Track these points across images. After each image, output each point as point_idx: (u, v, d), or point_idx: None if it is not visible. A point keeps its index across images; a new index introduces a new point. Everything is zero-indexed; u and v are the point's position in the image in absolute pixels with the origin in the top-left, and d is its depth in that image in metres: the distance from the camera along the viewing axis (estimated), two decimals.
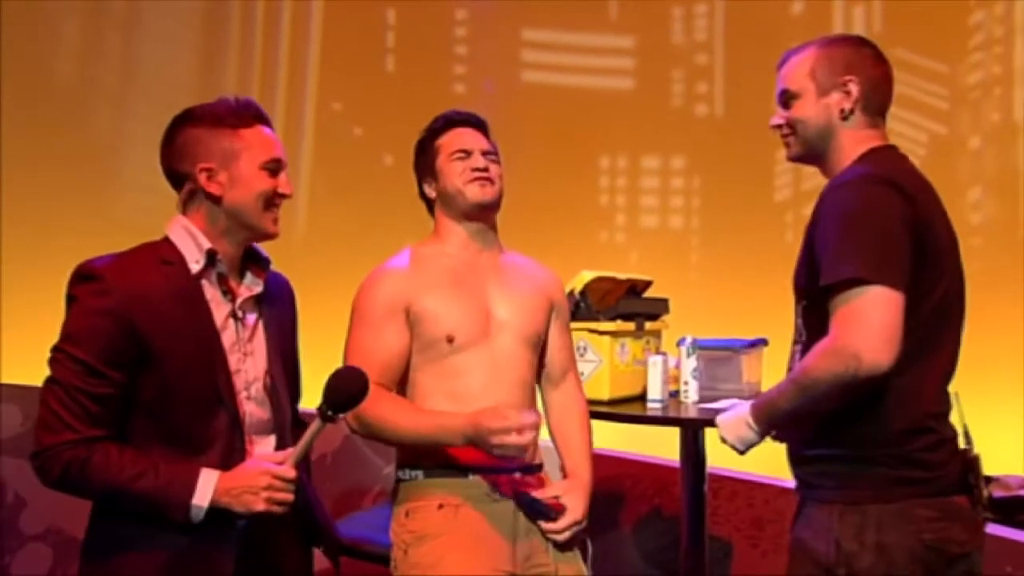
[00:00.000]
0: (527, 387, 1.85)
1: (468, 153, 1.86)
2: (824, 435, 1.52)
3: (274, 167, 1.62)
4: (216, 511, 1.48)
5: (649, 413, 2.30)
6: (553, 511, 1.74)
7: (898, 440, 1.47)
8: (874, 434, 1.47)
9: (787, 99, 1.65)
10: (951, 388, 1.56)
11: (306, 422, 1.77)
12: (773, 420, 1.57)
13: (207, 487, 1.47)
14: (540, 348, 1.91)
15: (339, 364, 1.79)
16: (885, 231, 1.42)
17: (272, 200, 1.62)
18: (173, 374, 1.50)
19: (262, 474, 1.48)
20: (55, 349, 1.49)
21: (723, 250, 3.58)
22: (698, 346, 2.40)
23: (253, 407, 1.60)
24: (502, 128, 1.97)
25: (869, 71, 1.61)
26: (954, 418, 1.54)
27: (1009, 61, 3.05)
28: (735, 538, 2.89)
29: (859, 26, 3.39)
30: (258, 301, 1.66)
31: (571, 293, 2.37)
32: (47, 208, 3.54)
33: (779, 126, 1.67)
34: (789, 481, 1.63)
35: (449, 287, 1.80)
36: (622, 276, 2.49)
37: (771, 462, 2.90)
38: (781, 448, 1.66)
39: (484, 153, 1.87)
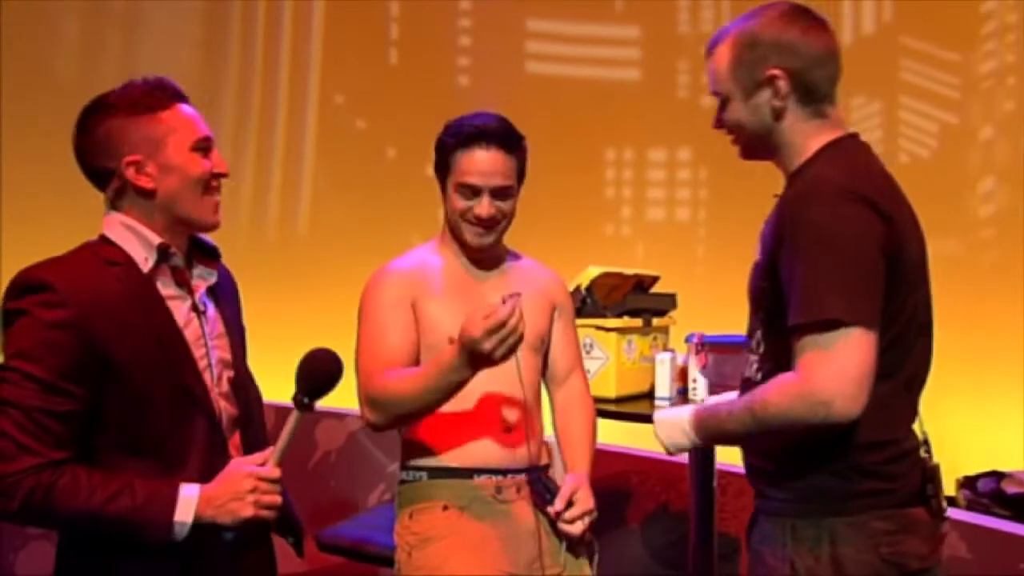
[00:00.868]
0: (532, 391, 1.82)
1: (476, 192, 1.73)
2: (779, 447, 1.41)
3: (204, 146, 1.49)
4: (200, 528, 1.36)
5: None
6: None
7: (857, 453, 1.36)
8: (832, 447, 1.36)
9: (720, 100, 1.48)
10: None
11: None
12: (715, 438, 1.47)
13: (189, 501, 1.35)
14: (544, 351, 1.89)
15: (346, 360, 1.77)
16: (863, 262, 1.28)
17: (209, 183, 1.49)
18: (140, 383, 1.38)
19: (246, 477, 1.37)
20: (3, 369, 1.33)
21: (730, 243, 3.54)
22: (707, 342, 2.37)
23: (224, 403, 1.50)
24: None
25: (801, 53, 1.39)
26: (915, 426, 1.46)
27: (1023, 49, 3.00)
28: (743, 535, 2.86)
29: (869, 14, 3.35)
30: (211, 291, 1.54)
31: (577, 289, 2.34)
32: (48, 206, 3.52)
33: (719, 128, 1.50)
34: None
35: (451, 292, 1.78)
36: (629, 271, 2.46)
37: None
38: None
39: (495, 192, 1.73)
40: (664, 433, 1.52)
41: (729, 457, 2.56)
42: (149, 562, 1.38)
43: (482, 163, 1.72)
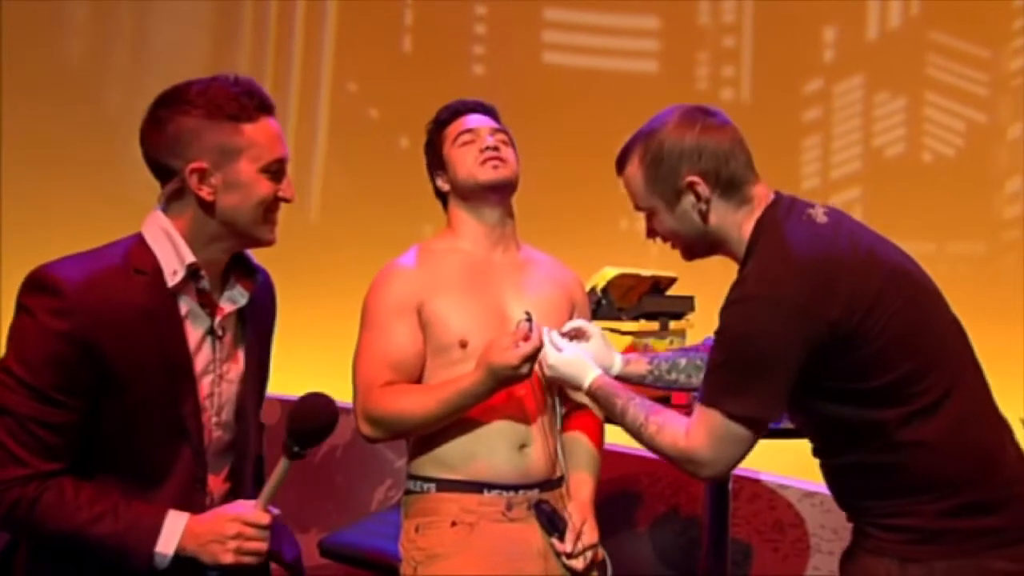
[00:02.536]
0: (547, 393, 1.75)
1: (475, 134, 1.76)
2: (884, 488, 1.39)
3: (277, 169, 1.43)
4: (183, 559, 1.32)
5: None
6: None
7: (964, 488, 1.35)
8: (940, 487, 1.35)
9: (646, 213, 1.52)
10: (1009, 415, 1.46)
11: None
12: (604, 411, 1.63)
13: (173, 533, 1.31)
14: None
15: (352, 358, 1.73)
16: (765, 366, 1.36)
17: (272, 207, 1.44)
18: (136, 403, 1.33)
19: (231, 521, 1.33)
20: (1, 370, 1.29)
21: None
22: None
23: (220, 433, 1.45)
24: (521, 110, 1.88)
25: (708, 153, 1.44)
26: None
27: None
28: (755, 541, 2.82)
29: (895, 8, 3.27)
30: (240, 312, 1.49)
31: (592, 290, 2.28)
32: (50, 189, 3.48)
33: (653, 238, 1.56)
34: (811, 484, 1.56)
35: (462, 288, 1.71)
36: (646, 273, 2.40)
37: (794, 465, 2.82)
38: (805, 451, 1.56)
39: (492, 133, 1.77)
40: (567, 368, 1.62)
41: (743, 461, 2.51)
42: None
43: (475, 119, 1.79)
